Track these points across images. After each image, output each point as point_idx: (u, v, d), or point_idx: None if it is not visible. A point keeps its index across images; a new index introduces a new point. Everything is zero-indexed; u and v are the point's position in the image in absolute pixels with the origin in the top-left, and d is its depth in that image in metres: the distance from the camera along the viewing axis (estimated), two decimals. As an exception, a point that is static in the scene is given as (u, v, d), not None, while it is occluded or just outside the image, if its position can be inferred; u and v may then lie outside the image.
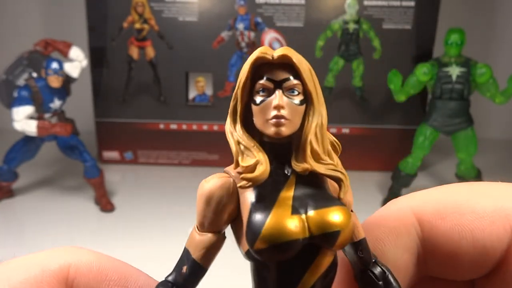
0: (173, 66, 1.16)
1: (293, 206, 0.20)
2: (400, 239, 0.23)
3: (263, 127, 0.20)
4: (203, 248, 0.21)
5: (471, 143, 1.02)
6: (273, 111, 0.20)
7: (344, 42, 1.13)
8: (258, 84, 0.20)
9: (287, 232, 0.19)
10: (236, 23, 1.11)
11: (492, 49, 1.37)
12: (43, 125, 0.93)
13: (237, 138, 0.21)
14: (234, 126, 0.21)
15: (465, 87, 0.98)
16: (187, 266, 0.21)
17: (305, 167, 0.20)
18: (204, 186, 0.21)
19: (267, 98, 0.20)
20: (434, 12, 1.11)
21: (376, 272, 0.22)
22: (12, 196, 1.05)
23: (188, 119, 1.19)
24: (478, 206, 0.23)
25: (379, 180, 1.17)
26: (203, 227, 0.22)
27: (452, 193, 0.24)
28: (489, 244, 0.23)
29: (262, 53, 0.20)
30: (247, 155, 0.20)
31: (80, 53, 0.98)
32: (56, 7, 1.34)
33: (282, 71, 0.20)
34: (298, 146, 0.21)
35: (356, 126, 1.20)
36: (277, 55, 0.20)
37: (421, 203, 0.24)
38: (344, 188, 0.21)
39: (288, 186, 0.20)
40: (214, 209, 0.21)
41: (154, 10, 1.12)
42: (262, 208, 0.19)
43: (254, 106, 0.21)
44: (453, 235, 0.23)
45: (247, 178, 0.19)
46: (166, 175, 1.18)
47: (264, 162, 0.20)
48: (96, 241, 0.92)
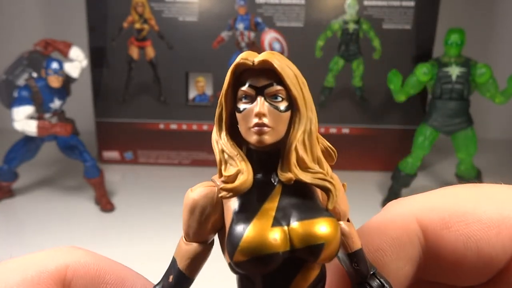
0: (173, 66, 1.16)
1: (275, 217, 0.19)
2: (402, 250, 0.23)
3: (246, 135, 0.20)
4: (188, 258, 0.21)
5: (471, 143, 1.02)
6: (255, 119, 0.19)
7: (344, 42, 1.13)
8: (240, 91, 0.20)
9: (266, 244, 0.18)
10: (236, 23, 1.11)
11: (492, 49, 1.37)
12: (43, 125, 0.93)
13: (221, 146, 0.20)
14: (220, 134, 0.20)
15: (465, 87, 0.98)
16: (173, 276, 0.21)
17: (289, 176, 0.19)
18: (188, 196, 0.21)
19: (249, 105, 0.19)
20: (434, 12, 1.11)
21: (374, 285, 0.21)
22: (12, 196, 1.05)
23: (188, 119, 1.20)
24: (484, 215, 0.22)
25: (379, 180, 1.17)
26: (188, 236, 0.21)
27: (457, 198, 0.23)
28: (494, 254, 0.22)
29: (242, 59, 0.20)
30: (230, 164, 0.19)
31: (80, 53, 0.98)
32: (56, 7, 1.34)
33: (264, 77, 0.20)
34: (284, 154, 0.20)
35: (356, 126, 1.20)
36: (258, 61, 0.19)
37: (425, 210, 0.23)
38: (332, 198, 0.20)
39: (273, 196, 0.20)
40: (198, 218, 0.21)
41: (154, 10, 1.12)
42: (242, 219, 0.19)
43: (238, 114, 0.20)
44: (458, 245, 0.22)
45: (227, 189, 0.19)
46: (166, 175, 1.18)
47: (246, 172, 0.19)
48: (96, 241, 0.92)
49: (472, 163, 1.04)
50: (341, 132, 1.20)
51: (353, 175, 1.20)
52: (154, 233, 0.92)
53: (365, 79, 1.15)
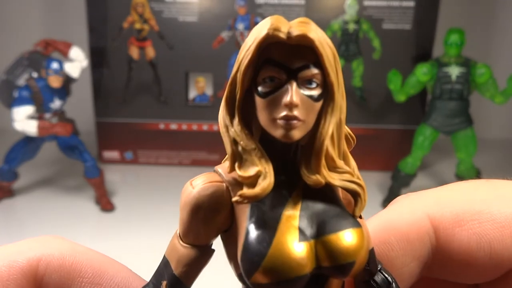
0: (173, 66, 1.16)
1: (300, 229, 0.16)
2: (410, 247, 0.22)
3: (269, 126, 0.16)
4: (186, 265, 0.18)
5: (470, 143, 1.02)
6: (284, 110, 0.16)
7: (344, 42, 1.13)
8: (266, 71, 0.16)
9: (293, 266, 0.15)
10: (236, 23, 1.11)
11: (492, 49, 1.37)
12: (43, 125, 0.93)
13: (233, 135, 0.16)
14: (231, 120, 0.17)
15: (465, 87, 0.98)
16: (167, 282, 0.18)
17: (319, 180, 0.16)
18: (191, 193, 0.17)
19: (277, 91, 0.16)
20: (434, 12, 1.11)
21: (378, 280, 0.19)
22: (12, 196, 1.05)
23: (188, 119, 1.20)
24: (499, 214, 0.21)
25: (379, 180, 1.17)
26: (187, 238, 0.18)
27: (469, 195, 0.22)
28: (506, 255, 0.21)
29: (274, 30, 0.15)
30: (246, 159, 0.16)
31: (80, 53, 0.98)
32: (56, 7, 1.34)
33: (298, 56, 0.16)
34: (311, 151, 0.17)
35: (356, 126, 1.20)
36: (295, 35, 0.15)
37: (438, 208, 0.22)
38: (360, 203, 0.17)
39: (294, 200, 0.17)
40: (202, 220, 0.17)
41: (154, 11, 1.12)
42: (262, 229, 0.15)
43: (258, 98, 0.16)
44: (470, 245, 0.21)
45: (246, 196, 0.16)
46: (166, 175, 1.18)
47: (268, 174, 0.16)
48: (96, 241, 0.92)
49: (472, 163, 1.04)
50: (341, 132, 1.20)
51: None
52: (154, 233, 0.92)
53: (365, 79, 1.15)
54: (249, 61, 0.16)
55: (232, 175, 0.17)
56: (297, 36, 0.15)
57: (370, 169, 1.22)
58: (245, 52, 0.16)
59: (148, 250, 0.86)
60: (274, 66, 0.16)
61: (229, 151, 0.16)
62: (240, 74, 0.16)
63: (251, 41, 0.16)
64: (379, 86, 1.14)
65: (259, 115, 0.16)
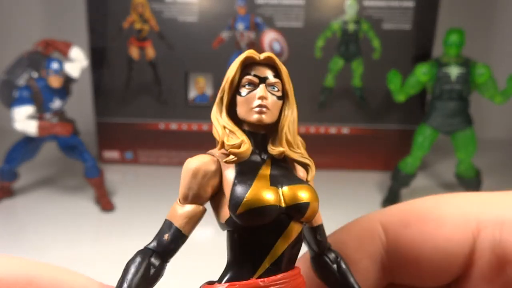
0: (173, 66, 1.16)
1: (271, 180, 0.23)
2: (362, 245, 0.25)
3: (247, 115, 0.23)
4: (186, 217, 0.23)
5: (470, 143, 1.02)
6: (257, 101, 0.23)
7: (344, 42, 1.13)
8: (245, 79, 0.24)
9: (265, 199, 0.22)
10: (236, 24, 1.11)
11: (492, 49, 1.37)
12: (43, 125, 0.93)
13: (222, 123, 0.24)
14: (220, 114, 0.24)
15: (465, 87, 0.98)
16: (169, 234, 0.23)
17: (281, 150, 0.23)
18: (191, 162, 0.23)
19: (253, 91, 0.24)
20: (433, 12, 1.11)
21: (331, 256, 0.25)
22: (12, 196, 1.05)
23: (188, 119, 1.20)
24: (442, 214, 0.24)
25: (379, 180, 1.17)
26: (186, 199, 0.23)
27: (418, 204, 0.25)
28: (450, 250, 0.23)
29: (251, 54, 0.24)
30: (231, 137, 0.23)
31: (80, 53, 0.98)
32: (56, 7, 1.34)
33: (266, 70, 0.24)
34: (275, 134, 0.24)
35: (356, 126, 1.20)
36: (263, 57, 0.24)
37: (389, 215, 0.25)
38: (310, 172, 0.24)
39: (265, 166, 0.23)
40: (200, 182, 0.23)
41: (154, 11, 1.12)
42: (244, 180, 0.22)
43: (239, 98, 0.24)
44: (415, 242, 0.24)
45: (234, 153, 0.22)
46: (166, 175, 1.18)
47: (247, 142, 0.23)
48: (96, 241, 0.92)
49: (472, 163, 1.04)
50: (341, 132, 1.20)
51: (353, 175, 1.20)
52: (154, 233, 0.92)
53: (365, 79, 1.16)
54: (235, 73, 0.24)
55: (221, 152, 0.23)
56: (265, 57, 0.24)
57: (370, 169, 1.22)
58: (231, 70, 0.24)
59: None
60: (251, 76, 0.24)
61: (220, 133, 0.23)
62: (228, 84, 0.24)
63: (237, 62, 0.24)
64: (379, 86, 1.14)
65: (240, 110, 0.24)
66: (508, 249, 0.23)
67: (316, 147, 1.18)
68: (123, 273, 0.22)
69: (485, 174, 1.08)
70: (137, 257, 0.23)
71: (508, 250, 0.23)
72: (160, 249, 0.23)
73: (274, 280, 0.22)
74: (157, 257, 0.23)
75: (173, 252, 0.23)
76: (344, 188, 1.12)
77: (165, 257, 0.23)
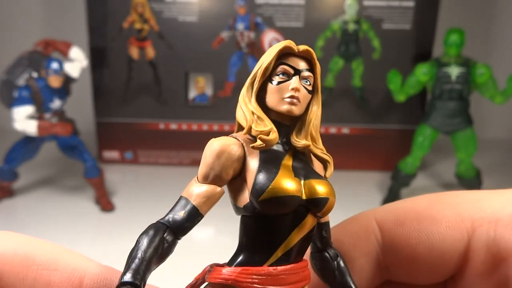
0: (173, 66, 1.16)
1: (294, 172, 0.23)
2: (358, 243, 0.25)
3: (277, 104, 0.23)
4: (204, 197, 0.23)
5: (470, 143, 1.02)
6: (290, 92, 0.23)
7: (344, 42, 1.13)
8: (280, 68, 0.24)
9: (290, 189, 0.22)
10: (236, 23, 1.11)
11: (492, 49, 1.37)
12: (43, 125, 0.93)
13: (251, 108, 0.23)
14: (249, 99, 0.24)
15: (465, 87, 0.98)
16: (185, 211, 0.23)
17: (306, 143, 0.24)
18: (215, 143, 0.23)
19: (286, 81, 0.23)
20: (433, 12, 1.11)
21: (331, 253, 0.25)
22: (12, 196, 1.05)
23: (188, 119, 1.20)
24: (436, 212, 0.24)
25: (379, 180, 1.17)
26: (206, 179, 0.23)
27: (413, 202, 0.26)
28: (445, 248, 0.24)
29: (290, 44, 0.24)
30: (259, 123, 0.23)
31: (80, 53, 0.98)
32: (56, 7, 1.34)
33: (301, 63, 0.24)
34: (301, 127, 0.24)
35: (356, 126, 1.20)
36: (302, 49, 0.24)
37: (384, 213, 0.26)
38: (329, 168, 0.25)
39: (288, 157, 0.24)
40: (223, 163, 0.23)
41: (154, 10, 1.12)
42: (269, 169, 0.22)
43: (271, 86, 0.24)
44: (410, 240, 0.24)
45: (264, 139, 0.22)
46: (166, 175, 1.18)
47: (275, 131, 0.23)
48: (96, 241, 0.92)
49: (472, 163, 1.04)
50: (341, 132, 1.20)
51: (353, 175, 1.20)
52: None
53: (365, 79, 1.15)
54: (271, 60, 0.23)
55: (246, 136, 0.23)
56: (303, 50, 0.24)
57: (370, 169, 1.22)
58: (267, 56, 0.24)
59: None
60: (286, 65, 0.24)
61: (248, 117, 0.23)
62: (261, 70, 0.24)
63: (274, 49, 0.23)
64: (379, 86, 1.14)
65: (270, 98, 0.24)
66: (502, 246, 0.23)
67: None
68: (135, 245, 0.22)
69: (485, 174, 1.08)
70: (151, 230, 0.22)
71: (503, 247, 0.23)
72: (174, 226, 0.23)
73: (285, 270, 0.22)
74: (170, 233, 0.23)
75: (187, 230, 0.23)
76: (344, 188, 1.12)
77: (178, 234, 0.23)
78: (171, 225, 0.23)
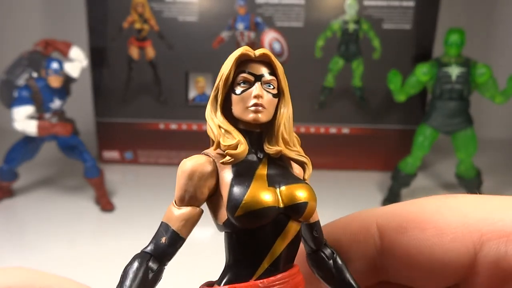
0: (173, 66, 1.16)
1: (268, 181, 0.22)
2: (356, 246, 0.25)
3: (242, 114, 0.23)
4: (183, 220, 0.22)
5: (470, 143, 1.02)
6: (253, 100, 0.23)
7: (344, 42, 1.13)
8: (240, 77, 0.23)
9: (264, 200, 0.21)
10: (236, 23, 1.11)
11: (492, 49, 1.37)
12: (43, 125, 0.93)
13: (218, 122, 0.23)
14: (215, 113, 0.24)
15: (465, 87, 0.98)
16: (166, 237, 0.22)
17: (278, 149, 0.23)
18: (186, 164, 0.23)
19: (248, 89, 0.23)
20: (434, 12, 1.11)
21: (327, 252, 0.25)
22: (12, 196, 1.05)
23: (188, 119, 1.20)
24: (443, 221, 0.23)
25: (379, 180, 1.17)
26: (183, 201, 0.23)
27: (419, 207, 0.24)
28: (448, 260, 0.22)
29: (246, 50, 0.23)
30: (227, 137, 0.23)
31: (80, 53, 0.98)
32: (56, 7, 1.34)
33: (261, 68, 0.23)
34: (271, 133, 0.23)
35: (356, 126, 1.20)
36: (259, 53, 0.23)
37: (387, 217, 0.25)
38: (307, 170, 0.24)
39: (262, 166, 0.23)
40: (196, 183, 0.22)
41: (154, 10, 1.12)
42: (242, 182, 0.22)
43: (234, 96, 0.23)
44: (411, 249, 0.23)
45: (231, 154, 0.22)
46: (166, 175, 1.18)
47: (244, 143, 0.22)
48: (96, 241, 0.92)
49: (472, 163, 1.04)
50: (341, 132, 1.20)
51: (353, 175, 1.20)
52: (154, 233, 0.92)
53: (365, 79, 1.15)
54: (229, 71, 0.23)
55: (217, 152, 0.23)
56: (260, 54, 0.23)
57: (370, 169, 1.22)
58: (225, 67, 0.23)
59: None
60: (246, 73, 0.23)
61: (215, 132, 0.23)
62: (222, 81, 0.23)
63: (231, 59, 0.23)
64: (379, 86, 1.14)
65: (235, 109, 0.23)
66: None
67: (316, 147, 1.18)
68: (121, 278, 0.22)
69: (485, 174, 1.08)
70: (135, 261, 0.22)
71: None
72: (157, 253, 0.22)
73: (274, 280, 0.22)
74: (155, 261, 0.22)
75: (171, 256, 0.23)
76: (344, 188, 1.12)
77: (162, 260, 0.23)
78: (155, 253, 0.23)
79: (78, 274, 0.79)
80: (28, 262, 0.82)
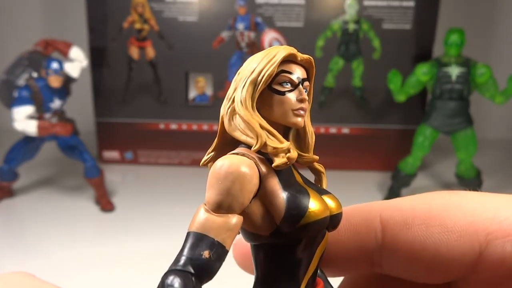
0: (173, 66, 1.16)
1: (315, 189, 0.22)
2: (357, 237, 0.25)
3: (284, 115, 0.22)
4: (228, 230, 0.19)
5: (470, 143, 1.02)
6: (300, 103, 0.22)
7: (344, 42, 1.13)
8: (284, 76, 0.22)
9: (325, 209, 0.21)
10: (236, 23, 1.11)
11: (492, 49, 1.37)
12: (43, 125, 0.93)
13: (259, 121, 0.21)
14: (253, 108, 0.21)
15: (465, 87, 0.98)
16: (210, 251, 0.19)
17: (315, 158, 0.23)
18: (227, 163, 0.20)
19: (291, 92, 0.22)
20: (434, 12, 1.11)
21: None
22: (12, 196, 1.05)
23: (188, 119, 1.20)
24: (448, 218, 0.23)
25: (379, 180, 1.17)
26: (221, 208, 0.20)
27: (426, 202, 0.24)
28: (452, 258, 0.22)
29: (294, 51, 0.22)
30: (272, 139, 0.21)
31: (80, 53, 0.98)
32: (56, 7, 1.34)
33: (303, 71, 0.23)
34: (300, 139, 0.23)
35: (356, 126, 1.20)
36: (305, 58, 0.23)
37: (391, 211, 0.24)
38: (324, 179, 0.24)
39: (296, 173, 0.22)
40: (242, 187, 0.20)
41: (154, 10, 1.12)
42: (298, 190, 0.21)
43: (276, 96, 0.22)
44: (415, 245, 0.23)
45: (291, 158, 0.21)
46: (166, 175, 1.18)
47: (293, 147, 0.22)
48: (96, 241, 0.92)
49: (472, 163, 1.04)
50: (341, 132, 1.20)
51: (353, 175, 1.20)
52: (154, 233, 0.92)
53: (365, 79, 1.15)
54: (273, 69, 0.21)
55: (256, 154, 0.21)
56: (305, 58, 0.23)
57: (370, 169, 1.22)
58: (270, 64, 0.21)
59: (148, 250, 0.86)
60: (291, 75, 0.22)
61: (258, 131, 0.21)
62: (264, 78, 0.21)
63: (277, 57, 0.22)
64: (379, 86, 1.14)
65: (274, 108, 0.22)
66: None
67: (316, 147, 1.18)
68: None
69: (485, 174, 1.08)
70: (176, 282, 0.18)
71: None
72: (199, 270, 0.19)
73: None
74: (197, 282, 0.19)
75: (215, 273, 0.19)
76: (344, 188, 1.12)
77: (204, 279, 0.19)
78: (196, 270, 0.19)
79: (78, 274, 0.79)
80: (28, 262, 0.82)
